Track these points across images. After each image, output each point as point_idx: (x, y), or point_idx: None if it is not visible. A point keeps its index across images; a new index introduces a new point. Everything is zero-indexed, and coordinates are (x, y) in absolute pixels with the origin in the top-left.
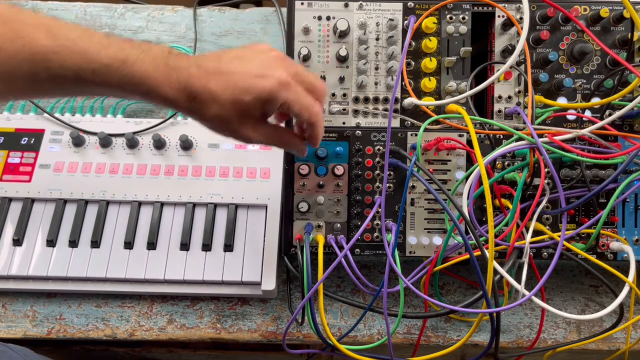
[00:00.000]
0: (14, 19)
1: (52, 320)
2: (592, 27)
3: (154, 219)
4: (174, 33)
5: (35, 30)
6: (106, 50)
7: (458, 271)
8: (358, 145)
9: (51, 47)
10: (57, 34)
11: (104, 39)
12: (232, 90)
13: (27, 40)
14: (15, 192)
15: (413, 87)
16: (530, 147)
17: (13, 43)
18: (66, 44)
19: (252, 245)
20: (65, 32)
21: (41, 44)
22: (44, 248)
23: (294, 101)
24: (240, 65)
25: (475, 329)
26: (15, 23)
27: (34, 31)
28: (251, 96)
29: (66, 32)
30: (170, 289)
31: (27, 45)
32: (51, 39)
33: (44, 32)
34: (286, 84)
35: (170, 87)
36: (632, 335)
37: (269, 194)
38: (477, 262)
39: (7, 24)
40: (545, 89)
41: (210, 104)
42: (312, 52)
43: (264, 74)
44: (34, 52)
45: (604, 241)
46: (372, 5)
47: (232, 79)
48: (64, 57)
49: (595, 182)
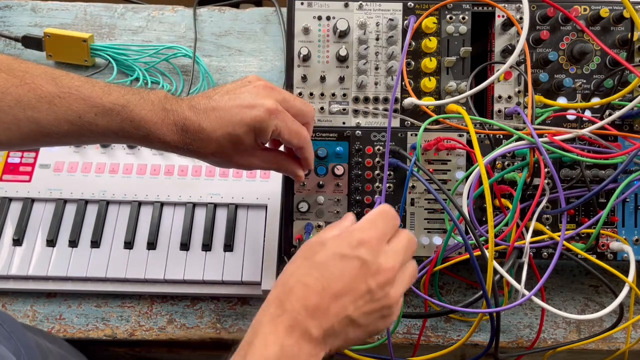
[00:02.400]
0: (17, 68)
1: (52, 320)
2: (592, 27)
3: (154, 219)
4: (174, 33)
5: (39, 78)
6: (108, 97)
7: (458, 271)
8: (358, 145)
9: (56, 93)
10: (60, 82)
11: (105, 87)
12: (225, 126)
13: (33, 86)
14: (15, 192)
15: (413, 87)
16: (530, 147)
17: (18, 88)
18: (70, 91)
19: (252, 245)
20: (68, 80)
21: (46, 89)
22: (44, 248)
23: (283, 128)
24: (229, 99)
25: (475, 329)
26: (19, 71)
27: (38, 79)
28: (243, 128)
29: (69, 81)
30: (170, 289)
31: (32, 91)
32: (55, 85)
33: (48, 79)
34: (275, 112)
35: (168, 130)
36: (632, 335)
37: (269, 194)
38: (477, 262)
39: (11, 72)
40: (545, 89)
41: (207, 143)
42: (312, 52)
43: (253, 104)
44: (38, 97)
45: (604, 241)
46: (372, 5)
47: (224, 114)
48: (69, 102)
49: (595, 182)
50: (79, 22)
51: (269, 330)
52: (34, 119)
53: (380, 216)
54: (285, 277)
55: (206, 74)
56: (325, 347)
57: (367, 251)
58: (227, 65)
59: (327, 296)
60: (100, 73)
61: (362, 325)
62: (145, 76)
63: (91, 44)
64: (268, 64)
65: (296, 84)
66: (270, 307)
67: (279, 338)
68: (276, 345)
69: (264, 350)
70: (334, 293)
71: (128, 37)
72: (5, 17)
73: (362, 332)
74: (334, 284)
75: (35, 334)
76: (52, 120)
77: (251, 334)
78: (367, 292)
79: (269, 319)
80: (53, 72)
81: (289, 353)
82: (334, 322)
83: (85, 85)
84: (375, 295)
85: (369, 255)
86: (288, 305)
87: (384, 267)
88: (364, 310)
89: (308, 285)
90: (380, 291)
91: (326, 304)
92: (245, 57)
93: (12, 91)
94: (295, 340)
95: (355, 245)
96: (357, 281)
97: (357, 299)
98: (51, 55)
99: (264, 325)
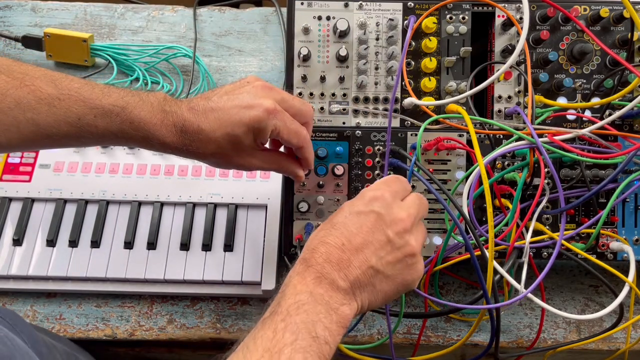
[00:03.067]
0: (16, 70)
1: (52, 320)
2: (592, 27)
3: (154, 219)
4: (174, 33)
5: (38, 80)
6: (107, 98)
7: (458, 271)
8: (358, 145)
9: (56, 95)
10: (60, 84)
11: (104, 89)
12: (224, 126)
13: (32, 88)
14: (15, 192)
15: (413, 87)
16: (530, 147)
17: (18, 90)
18: (69, 93)
19: (252, 245)
20: (67, 82)
21: (45, 91)
22: (44, 248)
23: (282, 127)
24: (228, 100)
25: (475, 329)
26: (19, 73)
27: (38, 81)
28: (242, 128)
29: (68, 83)
30: (170, 289)
31: (31, 93)
32: (54, 87)
33: (47, 81)
34: (273, 111)
35: (167, 131)
36: (632, 335)
37: (269, 194)
38: (477, 261)
39: (11, 74)
40: (545, 88)
41: (206, 144)
42: (312, 52)
43: (252, 104)
44: (38, 99)
45: (604, 241)
46: (372, 5)
47: (222, 115)
48: (69, 104)
49: (595, 182)
50: (79, 22)
51: (297, 281)
52: (34, 120)
53: (392, 178)
54: (309, 242)
55: (206, 74)
56: (355, 298)
57: (381, 205)
58: (227, 65)
59: (349, 250)
60: (100, 73)
61: (389, 275)
62: (145, 76)
63: (91, 44)
64: (268, 64)
65: (296, 84)
66: (297, 266)
67: (308, 287)
68: (306, 292)
69: (295, 296)
70: (354, 247)
71: (128, 37)
72: (5, 17)
73: (392, 284)
74: (353, 238)
75: (39, 331)
76: (51, 122)
77: (282, 288)
78: (387, 241)
79: (296, 273)
80: (52, 75)
81: (319, 299)
82: (359, 274)
83: (84, 87)
84: (395, 244)
85: (383, 208)
86: (312, 262)
87: (398, 217)
88: (388, 260)
89: (329, 243)
90: (400, 239)
91: (348, 258)
92: (245, 57)
93: (12, 93)
94: (325, 290)
95: (368, 201)
96: (375, 233)
97: (378, 249)
98: (51, 55)
99: (293, 278)
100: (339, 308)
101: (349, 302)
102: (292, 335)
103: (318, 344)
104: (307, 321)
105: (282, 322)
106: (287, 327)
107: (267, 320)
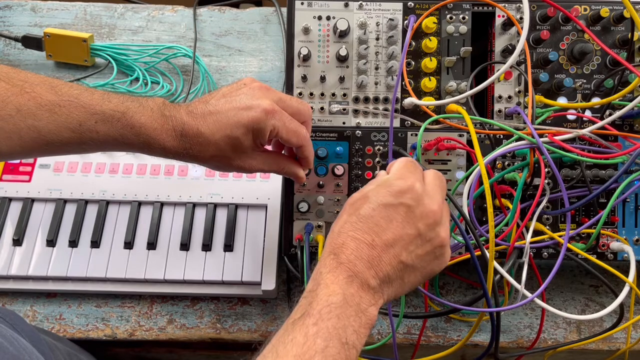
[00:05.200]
0: (16, 77)
1: (52, 320)
2: (592, 27)
3: (154, 219)
4: (174, 33)
5: (38, 87)
6: (107, 104)
7: (458, 271)
8: (358, 145)
9: (56, 101)
10: (59, 90)
11: (104, 94)
12: (223, 128)
13: (33, 95)
14: (15, 192)
15: (413, 87)
16: (531, 147)
17: (18, 97)
18: (70, 99)
19: (252, 245)
20: (67, 88)
21: (46, 98)
22: (44, 248)
23: (281, 127)
24: (225, 102)
25: (475, 329)
26: (19, 80)
27: (38, 87)
28: (241, 129)
29: (68, 89)
30: (170, 289)
31: (32, 100)
32: (54, 94)
33: (47, 88)
34: (271, 112)
35: (167, 136)
36: (633, 335)
37: (269, 194)
38: (478, 261)
39: (10, 81)
40: (546, 88)
41: (206, 147)
42: (312, 52)
43: (250, 105)
44: (39, 105)
45: (604, 241)
46: (372, 5)
47: (221, 117)
48: (70, 110)
49: (595, 182)
50: (79, 22)
51: (330, 280)
52: (35, 127)
53: (411, 164)
54: (334, 235)
55: (206, 74)
56: (382, 295)
57: (411, 197)
58: (227, 65)
59: (379, 246)
60: (100, 73)
61: (417, 268)
62: (145, 76)
63: (91, 44)
64: (268, 64)
65: (296, 84)
66: (327, 260)
67: (341, 287)
68: (339, 294)
69: (327, 297)
70: (384, 242)
71: (128, 37)
72: (5, 17)
73: (419, 275)
74: (383, 234)
75: (40, 332)
76: (52, 129)
77: (313, 284)
78: (417, 235)
79: (328, 270)
80: (52, 81)
81: (350, 301)
82: (389, 270)
83: (84, 93)
84: (426, 237)
85: (413, 200)
86: (343, 258)
87: (429, 208)
88: (418, 253)
89: (358, 239)
90: (431, 232)
91: (379, 254)
92: (245, 57)
93: (13, 100)
94: (356, 290)
95: (397, 193)
96: (405, 227)
97: (409, 244)
98: (51, 55)
99: (324, 275)
100: (367, 309)
101: (377, 301)
102: (323, 342)
103: (346, 350)
104: (338, 327)
105: (314, 327)
106: (319, 332)
107: (297, 322)
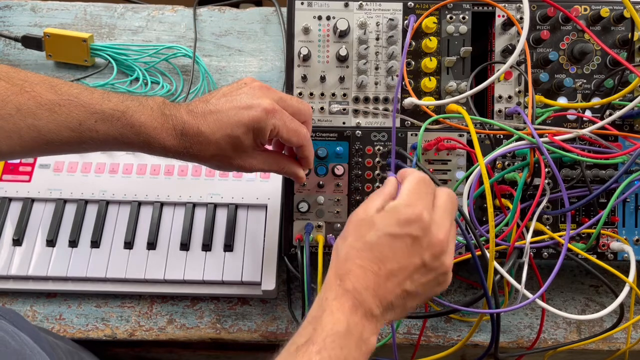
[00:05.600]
0: (16, 76)
1: (52, 320)
2: (593, 27)
3: (154, 219)
4: (174, 33)
5: (38, 86)
6: (107, 103)
7: (458, 271)
8: (358, 145)
9: (56, 100)
10: (59, 89)
11: (104, 94)
12: (224, 128)
13: (33, 94)
14: (15, 192)
15: (413, 86)
16: (531, 147)
17: (18, 96)
18: (69, 98)
19: (252, 245)
20: (67, 88)
21: (45, 97)
22: (44, 248)
23: (281, 127)
24: (226, 102)
25: (475, 329)
26: (18, 80)
27: (37, 87)
28: (242, 128)
29: (68, 88)
30: (170, 289)
31: (32, 99)
32: (54, 93)
33: (47, 87)
34: (272, 111)
35: (168, 135)
36: (633, 335)
37: (269, 194)
38: (478, 261)
39: (10, 80)
40: (546, 88)
41: (206, 146)
42: (312, 52)
43: (250, 105)
44: (39, 105)
45: (605, 241)
46: (372, 5)
47: (221, 117)
48: (70, 109)
49: (595, 182)
50: (78, 22)
51: (335, 307)
52: (35, 126)
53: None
54: (341, 260)
55: (206, 74)
56: (383, 322)
57: (418, 227)
58: (227, 65)
59: (384, 276)
60: (100, 73)
61: (420, 294)
62: (145, 76)
63: (91, 44)
64: (268, 64)
65: (296, 84)
66: (333, 285)
67: (346, 315)
68: (343, 322)
69: (332, 326)
70: (389, 272)
71: (128, 37)
72: (5, 17)
73: (420, 300)
74: (388, 263)
75: (41, 331)
76: (52, 128)
77: (317, 309)
78: (422, 265)
79: (334, 296)
80: (51, 80)
81: (354, 330)
82: (392, 299)
83: (84, 92)
84: (431, 267)
85: (420, 230)
86: (349, 285)
87: (436, 239)
88: (421, 282)
89: (364, 267)
90: (436, 261)
91: (383, 283)
92: (245, 57)
93: (13, 99)
94: (360, 318)
95: (404, 222)
96: (410, 258)
97: (413, 273)
98: (51, 55)
99: (330, 302)
100: (369, 339)
101: (378, 329)
102: None
103: None
104: (340, 357)
105: (317, 355)
106: None
107: (301, 348)
